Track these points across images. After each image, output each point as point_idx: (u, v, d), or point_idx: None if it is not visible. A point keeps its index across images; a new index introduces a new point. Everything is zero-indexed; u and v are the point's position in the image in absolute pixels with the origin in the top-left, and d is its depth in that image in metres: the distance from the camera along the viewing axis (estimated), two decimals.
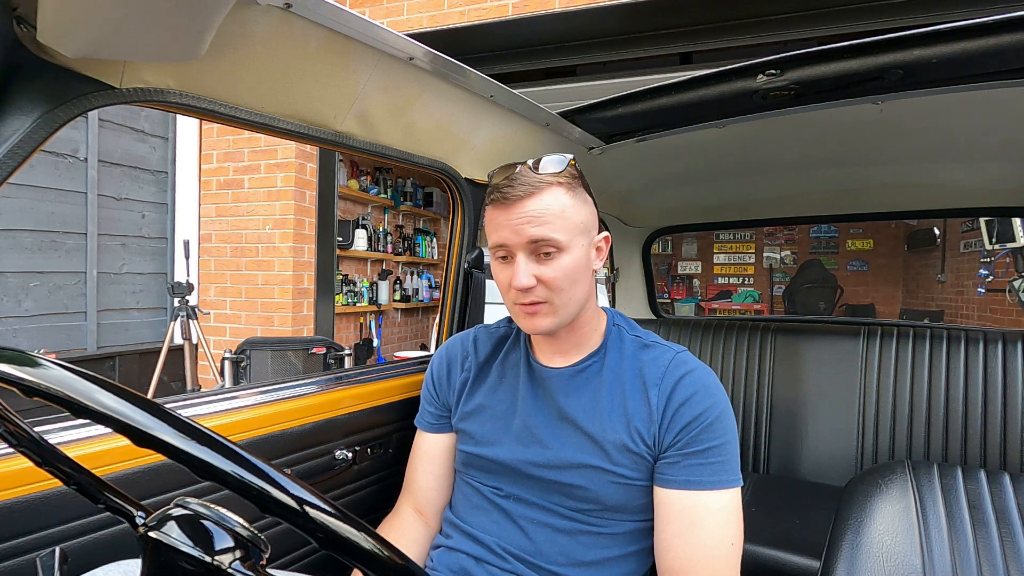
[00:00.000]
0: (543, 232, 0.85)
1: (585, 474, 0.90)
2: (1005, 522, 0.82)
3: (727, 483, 0.84)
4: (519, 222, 0.86)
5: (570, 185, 0.89)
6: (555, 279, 0.87)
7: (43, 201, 3.64)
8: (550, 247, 0.86)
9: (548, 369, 0.97)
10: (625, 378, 0.93)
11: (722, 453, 0.85)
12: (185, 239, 3.90)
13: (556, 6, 3.40)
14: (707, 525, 0.82)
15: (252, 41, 0.76)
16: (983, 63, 1.00)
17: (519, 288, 0.87)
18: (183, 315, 3.69)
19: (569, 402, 0.94)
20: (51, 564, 0.50)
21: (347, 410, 1.18)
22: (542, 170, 0.87)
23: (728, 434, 0.86)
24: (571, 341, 0.96)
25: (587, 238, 0.90)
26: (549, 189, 0.87)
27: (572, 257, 0.87)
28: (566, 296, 0.89)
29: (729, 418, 0.88)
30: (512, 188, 0.86)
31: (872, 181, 1.77)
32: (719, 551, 0.81)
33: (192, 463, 0.35)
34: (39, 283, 3.66)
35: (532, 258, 0.87)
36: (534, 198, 0.86)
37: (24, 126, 0.63)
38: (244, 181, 4.26)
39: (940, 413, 1.74)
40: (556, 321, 0.90)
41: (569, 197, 0.88)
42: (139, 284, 4.30)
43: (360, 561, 0.36)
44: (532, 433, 0.95)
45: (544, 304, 0.89)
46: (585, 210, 0.90)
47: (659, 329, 2.27)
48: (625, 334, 0.98)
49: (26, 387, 0.37)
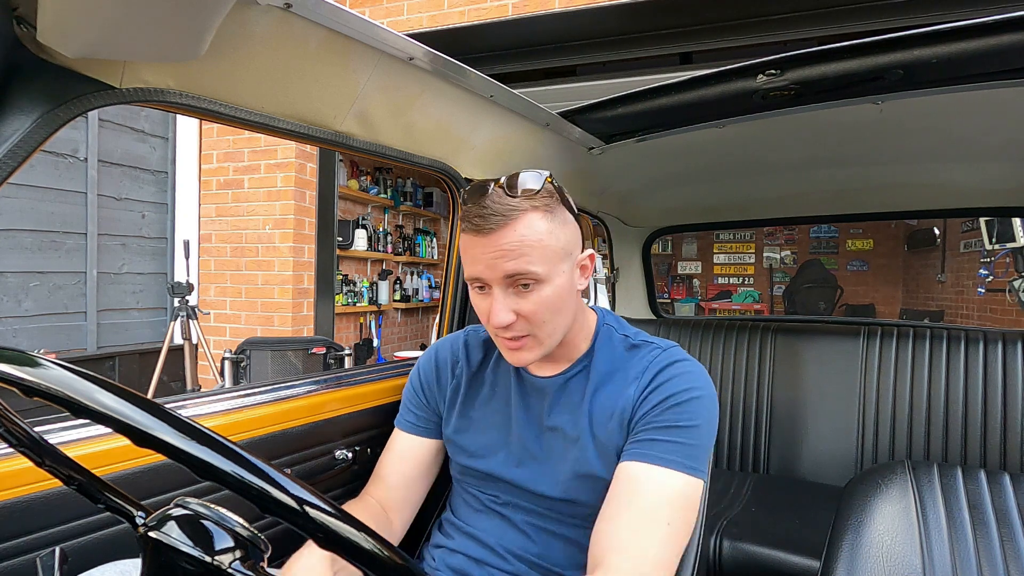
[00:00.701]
0: (519, 266, 0.79)
1: (583, 486, 0.87)
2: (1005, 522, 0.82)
3: (684, 467, 0.78)
4: (493, 256, 0.80)
5: (547, 207, 0.82)
6: (536, 312, 0.82)
7: (43, 201, 3.64)
8: (528, 279, 0.80)
9: (538, 379, 0.94)
10: (613, 381, 0.89)
11: (688, 436, 0.80)
12: (185, 239, 3.90)
13: (556, 6, 3.40)
14: (647, 499, 0.76)
15: (252, 41, 0.76)
16: (983, 63, 1.00)
17: (496, 326, 0.82)
18: (183, 315, 3.69)
19: (560, 413, 0.91)
20: (51, 564, 0.50)
21: (347, 410, 1.18)
22: (518, 192, 0.80)
23: (700, 419, 0.81)
24: (559, 353, 0.92)
25: (569, 262, 0.85)
26: (524, 217, 0.80)
27: (553, 287, 0.82)
28: (549, 327, 0.84)
29: (707, 407, 0.83)
30: (484, 220, 0.79)
31: (872, 181, 1.77)
32: (651, 527, 0.74)
33: (192, 463, 0.35)
34: (39, 283, 3.66)
35: (510, 291, 0.82)
36: (508, 229, 0.79)
37: (24, 126, 0.63)
38: (244, 181, 4.26)
39: (940, 413, 1.74)
40: (542, 352, 0.86)
41: (546, 222, 0.81)
42: (139, 284, 4.30)
43: (360, 561, 0.36)
44: (526, 448, 0.92)
45: (527, 338, 0.84)
46: (566, 232, 0.84)
47: (659, 329, 2.27)
48: (614, 334, 0.94)
49: (26, 387, 0.37)
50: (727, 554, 1.49)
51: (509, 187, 0.81)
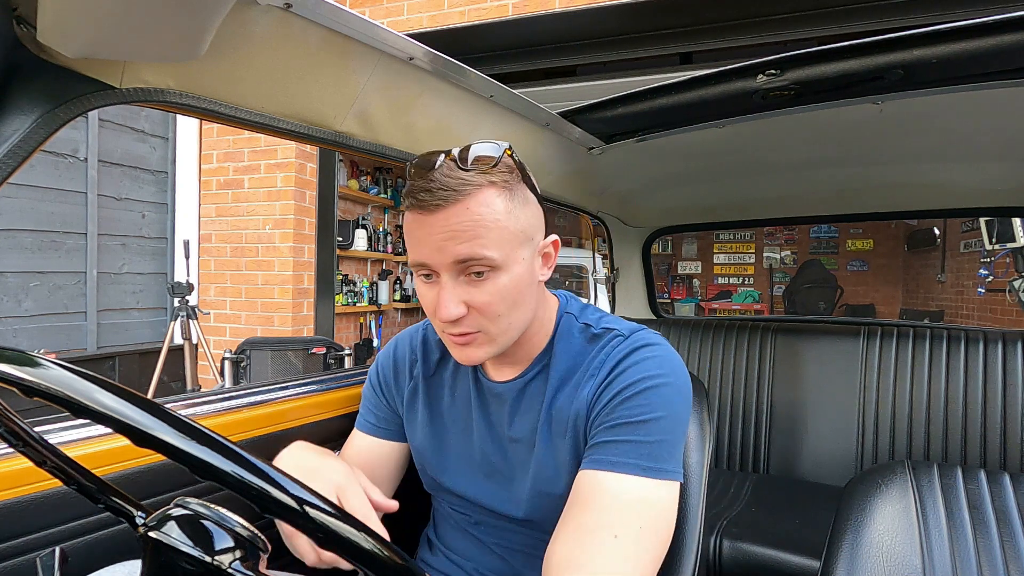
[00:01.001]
0: (472, 249, 0.68)
1: (545, 505, 0.78)
2: (1005, 522, 0.82)
3: (640, 470, 0.68)
4: (442, 238, 0.69)
5: (506, 183, 0.71)
6: (489, 304, 0.71)
7: (43, 201, 3.64)
8: (482, 266, 0.70)
9: (496, 384, 0.84)
10: (571, 381, 0.79)
11: (644, 431, 0.69)
12: (185, 239, 3.90)
13: (556, 6, 3.40)
14: (597, 511, 0.66)
15: (252, 41, 0.76)
16: (983, 63, 1.00)
17: (444, 320, 0.71)
18: (183, 315, 3.69)
19: (521, 422, 0.81)
20: (51, 564, 0.50)
21: (347, 410, 1.18)
22: (470, 164, 0.69)
23: (659, 410, 0.70)
24: (516, 353, 0.82)
25: (530, 248, 0.74)
26: (478, 193, 0.68)
27: (511, 276, 0.71)
28: (504, 322, 0.73)
29: (668, 395, 0.72)
30: (430, 195, 0.68)
31: (872, 181, 1.77)
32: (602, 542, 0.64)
33: (192, 463, 0.35)
34: (39, 283, 3.66)
35: (461, 279, 0.71)
36: (459, 206, 0.68)
37: (24, 126, 0.63)
38: (244, 181, 4.26)
39: (940, 413, 1.74)
40: (494, 350, 0.75)
41: (505, 200, 0.70)
42: (139, 284, 4.30)
43: (360, 561, 0.36)
44: (491, 463, 0.84)
45: (478, 334, 0.73)
46: (526, 213, 0.73)
47: (659, 329, 2.27)
48: (574, 324, 0.83)
49: (26, 387, 0.37)
50: (727, 554, 1.49)
51: (461, 159, 0.69)
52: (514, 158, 0.73)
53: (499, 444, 0.83)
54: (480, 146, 0.70)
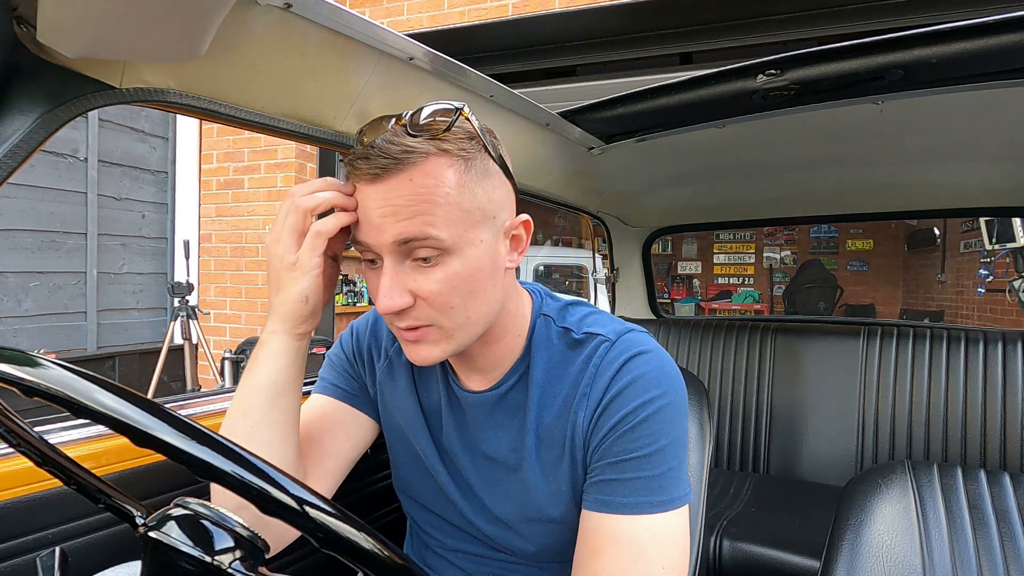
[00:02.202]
0: (415, 228, 0.59)
1: (534, 529, 0.73)
2: (1005, 522, 0.82)
3: (652, 507, 0.63)
4: (380, 214, 0.59)
5: (463, 152, 0.61)
6: (439, 294, 0.61)
7: (43, 201, 3.64)
8: (428, 249, 0.60)
9: (469, 395, 0.75)
10: (557, 397, 0.71)
11: (651, 465, 0.64)
12: (185, 239, 3.90)
13: (556, 6, 3.40)
14: (617, 558, 0.62)
15: (252, 41, 0.76)
16: (983, 63, 1.00)
17: (384, 312, 0.61)
18: (183, 315, 3.69)
19: (498, 439, 0.74)
20: (51, 564, 0.50)
21: None
22: (421, 125, 0.60)
23: (663, 437, 0.65)
24: (489, 358, 0.73)
25: (491, 228, 0.64)
26: (425, 162, 0.58)
27: (465, 260, 0.61)
28: (460, 315, 0.63)
29: (670, 416, 0.67)
30: (367, 161, 0.59)
31: (872, 181, 1.77)
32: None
33: (191, 463, 0.35)
34: (39, 283, 3.66)
35: (406, 264, 0.61)
36: (401, 176, 0.58)
37: (24, 126, 0.63)
38: (244, 181, 4.26)
39: (940, 413, 1.74)
40: (451, 348, 0.65)
41: (458, 171, 0.60)
42: (139, 284, 4.30)
43: (360, 561, 0.36)
44: (465, 480, 0.76)
45: (429, 328, 0.64)
46: (486, 187, 0.63)
47: (659, 329, 2.27)
48: (552, 328, 0.74)
49: (26, 387, 0.37)
50: (727, 554, 1.49)
51: (412, 124, 0.60)
52: (472, 122, 0.62)
53: (472, 461, 0.76)
54: (434, 106, 0.60)
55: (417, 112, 0.60)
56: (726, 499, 1.75)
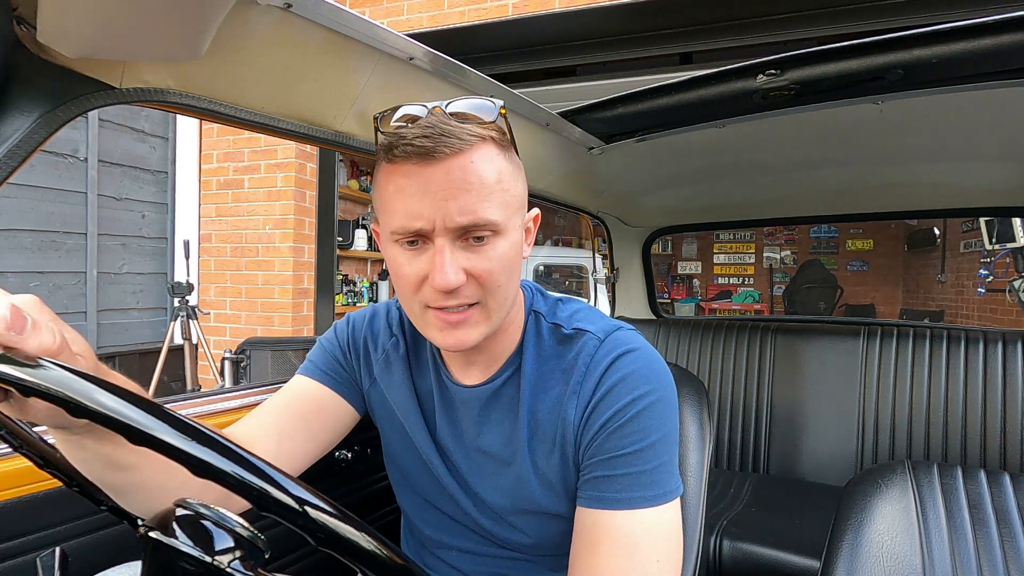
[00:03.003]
0: (478, 208, 0.61)
1: (528, 521, 0.74)
2: (1005, 522, 0.82)
3: (646, 501, 0.64)
4: (442, 194, 0.60)
5: (502, 143, 0.65)
6: (491, 272, 0.63)
7: (43, 201, 3.64)
8: (485, 229, 0.62)
9: (463, 389, 0.76)
10: (548, 392, 0.73)
11: (643, 460, 0.65)
12: (185, 239, 3.90)
13: (556, 6, 3.40)
14: (615, 554, 0.63)
15: (252, 41, 0.76)
16: (983, 63, 1.00)
17: (443, 288, 0.62)
18: (183, 315, 3.69)
19: (492, 434, 0.75)
20: (51, 564, 0.50)
21: None
22: (469, 118, 0.62)
23: (654, 432, 0.67)
24: (492, 350, 0.74)
25: (522, 215, 0.69)
26: (483, 146, 0.62)
27: (511, 242, 0.65)
28: (502, 294, 0.66)
29: (661, 412, 0.68)
30: (431, 140, 0.59)
31: (872, 181, 1.77)
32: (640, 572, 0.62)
33: (191, 463, 0.35)
34: (39, 283, 3.66)
35: (458, 244, 0.63)
36: (464, 158, 0.60)
37: (24, 126, 0.63)
38: (244, 181, 4.26)
39: (940, 413, 1.74)
40: (488, 330, 0.67)
41: (505, 159, 0.65)
42: (139, 284, 4.30)
43: (360, 561, 0.36)
44: (460, 473, 0.78)
45: (475, 308, 0.65)
46: (520, 179, 0.68)
47: (659, 329, 2.27)
48: (543, 323, 0.76)
49: (25, 387, 0.37)
50: (727, 554, 1.49)
51: (456, 114, 0.62)
52: (507, 120, 0.67)
53: (465, 452, 0.77)
54: (473, 102, 0.63)
55: (455, 102, 0.63)
56: (726, 499, 1.75)
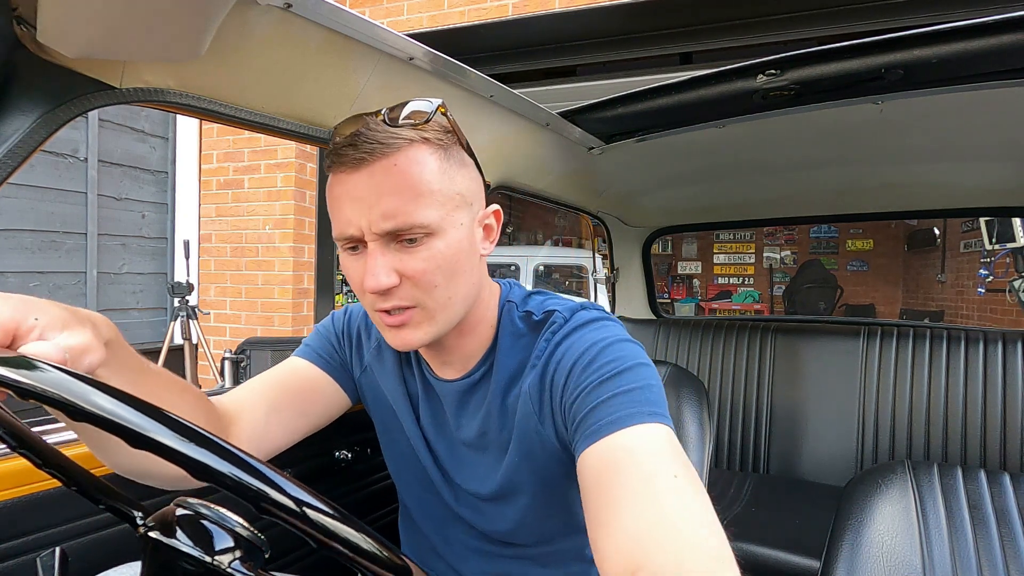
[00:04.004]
0: (402, 211, 0.61)
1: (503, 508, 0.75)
2: (1005, 522, 0.82)
3: (651, 415, 0.59)
4: (367, 200, 0.61)
5: (440, 143, 0.65)
6: (424, 272, 0.63)
7: (43, 201, 3.64)
8: (415, 231, 0.62)
9: (443, 383, 0.77)
10: (519, 376, 0.73)
11: (631, 379, 0.62)
12: (185, 239, 3.90)
13: (556, 6, 3.40)
14: (635, 464, 0.55)
15: (252, 41, 0.76)
16: (983, 63, 1.00)
17: (373, 290, 0.63)
18: (183, 315, 3.69)
19: (469, 427, 0.76)
20: (51, 564, 0.50)
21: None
22: (401, 121, 0.63)
23: (632, 359, 0.64)
24: (462, 350, 0.75)
25: (468, 213, 0.68)
26: (409, 149, 0.62)
27: (448, 241, 0.64)
28: (442, 294, 0.65)
29: (635, 349, 0.66)
30: (354, 148, 0.62)
31: (872, 181, 1.77)
32: (667, 485, 0.53)
33: (189, 465, 0.34)
34: (39, 283, 3.66)
35: (392, 246, 0.63)
36: (387, 161, 0.61)
37: (24, 126, 0.63)
38: (244, 181, 4.26)
39: (940, 413, 1.74)
40: (434, 331, 0.67)
41: (439, 159, 0.64)
42: (139, 284, 4.30)
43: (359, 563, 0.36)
44: (442, 463, 0.80)
45: (413, 310, 0.66)
46: (463, 176, 0.67)
47: (659, 329, 2.27)
48: (515, 312, 0.76)
49: (21, 389, 0.37)
50: None
51: (391, 118, 0.64)
52: (448, 117, 0.67)
53: (448, 444, 0.79)
54: (413, 102, 0.65)
55: (395, 107, 0.64)
56: (726, 499, 1.75)
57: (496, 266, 5.65)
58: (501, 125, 1.26)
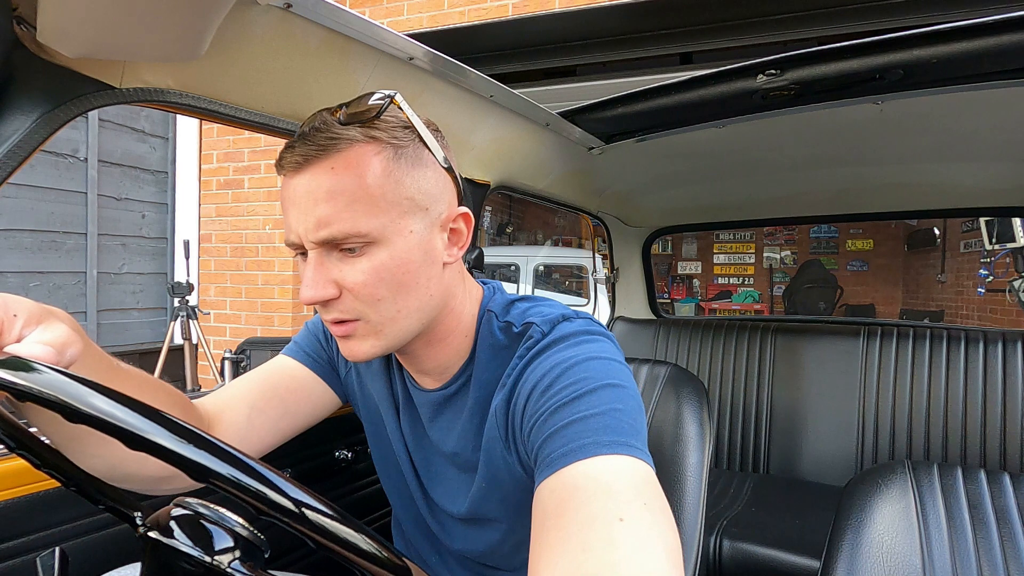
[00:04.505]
0: (336, 219, 0.56)
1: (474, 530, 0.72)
2: (1005, 522, 0.82)
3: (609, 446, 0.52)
4: (303, 205, 0.57)
5: (393, 141, 0.59)
6: (364, 285, 0.59)
7: (43, 201, 3.64)
8: (353, 240, 0.57)
9: (420, 392, 0.73)
10: (492, 394, 0.67)
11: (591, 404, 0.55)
12: (185, 239, 3.91)
13: (556, 6, 3.40)
14: (580, 504, 0.48)
15: (252, 41, 0.76)
16: (983, 63, 1.00)
17: (308, 302, 0.59)
18: (183, 315, 3.69)
19: (446, 441, 0.72)
20: (51, 564, 0.50)
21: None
22: (346, 117, 0.59)
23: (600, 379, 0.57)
24: (435, 360, 0.70)
25: (422, 220, 0.61)
26: (349, 150, 0.57)
27: (393, 251, 0.59)
28: (388, 308, 0.60)
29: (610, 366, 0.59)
30: (290, 151, 0.58)
31: (872, 181, 1.77)
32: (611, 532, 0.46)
33: (186, 465, 0.34)
34: (39, 283, 3.66)
35: (333, 255, 0.59)
36: (322, 165, 0.57)
37: (24, 126, 0.63)
38: (244, 181, 4.27)
39: (940, 413, 1.74)
40: (383, 344, 0.62)
41: (385, 158, 0.58)
42: (139, 284, 4.30)
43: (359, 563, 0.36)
44: (417, 475, 0.78)
45: (356, 323, 0.61)
46: (417, 177, 0.60)
47: (659, 329, 2.27)
48: (495, 323, 0.69)
49: (19, 392, 0.37)
50: (727, 554, 1.49)
51: (347, 115, 0.59)
52: (406, 111, 0.61)
53: (426, 452, 0.76)
54: (365, 96, 0.60)
55: (353, 101, 0.60)
56: (726, 499, 1.75)
57: (496, 266, 5.64)
58: (501, 125, 1.26)
